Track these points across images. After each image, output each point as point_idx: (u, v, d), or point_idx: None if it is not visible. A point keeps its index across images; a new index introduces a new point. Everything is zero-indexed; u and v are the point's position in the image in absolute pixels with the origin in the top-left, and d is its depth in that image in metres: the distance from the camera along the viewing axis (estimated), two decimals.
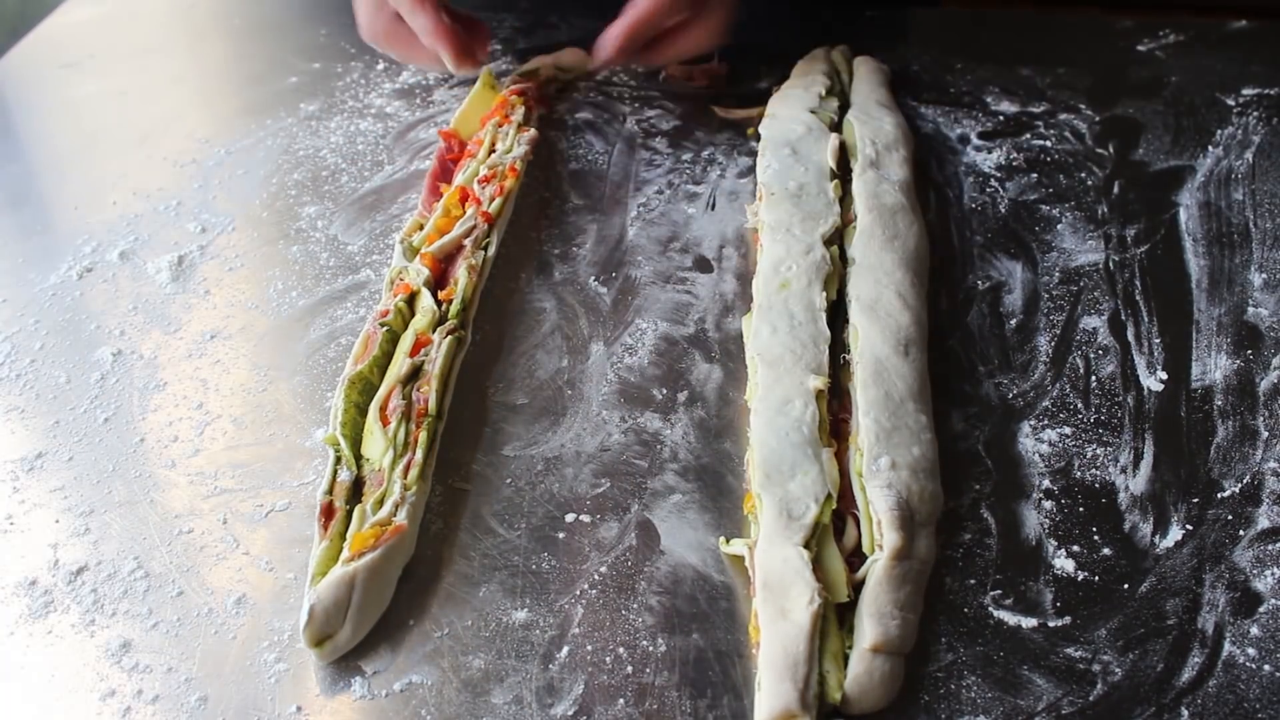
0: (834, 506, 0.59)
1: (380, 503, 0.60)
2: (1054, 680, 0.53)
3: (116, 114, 0.98)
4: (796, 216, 0.75)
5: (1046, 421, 0.66)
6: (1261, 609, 0.56)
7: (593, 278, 0.78)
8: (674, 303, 0.76)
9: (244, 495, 0.64)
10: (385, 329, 0.69)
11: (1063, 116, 0.91)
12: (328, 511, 0.60)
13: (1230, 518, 0.60)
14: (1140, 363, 0.69)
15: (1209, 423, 0.66)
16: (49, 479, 0.65)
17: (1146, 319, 0.72)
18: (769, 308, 0.69)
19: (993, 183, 0.85)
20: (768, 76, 0.95)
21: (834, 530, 0.58)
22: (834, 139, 0.82)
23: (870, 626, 0.53)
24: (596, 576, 0.59)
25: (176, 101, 0.99)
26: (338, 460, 0.63)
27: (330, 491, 0.61)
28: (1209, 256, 0.77)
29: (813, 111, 0.86)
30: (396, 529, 0.59)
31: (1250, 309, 0.73)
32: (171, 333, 0.75)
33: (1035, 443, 0.65)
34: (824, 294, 0.70)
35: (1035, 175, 0.85)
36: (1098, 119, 0.90)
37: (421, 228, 0.77)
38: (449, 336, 0.69)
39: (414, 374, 0.67)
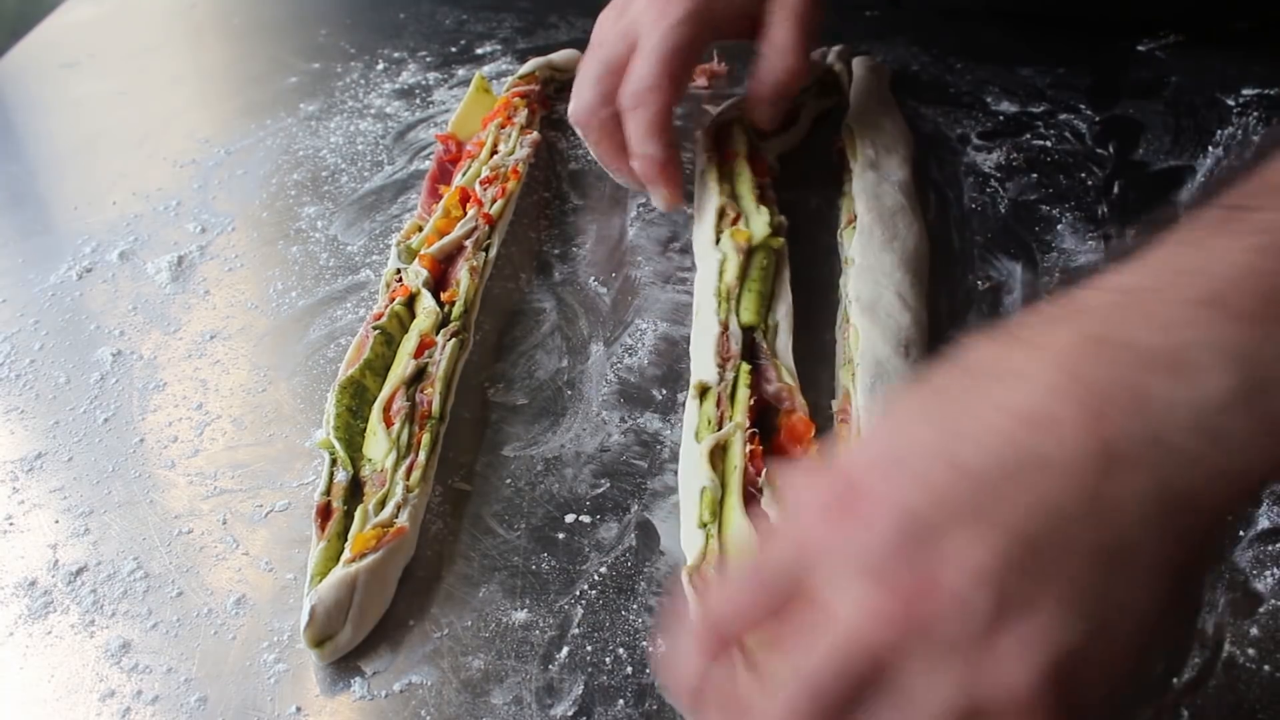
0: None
1: (382, 504, 0.60)
2: None
3: (116, 114, 0.98)
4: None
5: None
6: (1261, 610, 0.56)
7: (592, 278, 0.78)
8: (674, 303, 0.75)
9: (243, 496, 0.64)
10: (378, 332, 0.69)
11: (1063, 116, 0.91)
12: (324, 512, 0.60)
13: (1230, 518, 0.60)
14: None
15: None
16: (48, 479, 0.65)
17: None
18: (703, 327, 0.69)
19: (993, 183, 0.85)
20: None
21: None
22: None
23: None
24: (596, 577, 0.59)
25: (176, 101, 0.99)
26: (334, 462, 0.63)
27: (328, 492, 0.61)
28: None
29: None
30: (398, 531, 0.59)
31: None
32: (171, 333, 0.75)
33: None
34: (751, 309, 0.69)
35: (1035, 175, 0.85)
36: (1098, 119, 0.90)
37: (420, 229, 0.77)
38: (452, 339, 0.69)
39: (418, 376, 0.67)
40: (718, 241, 0.73)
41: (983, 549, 0.35)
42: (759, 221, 0.74)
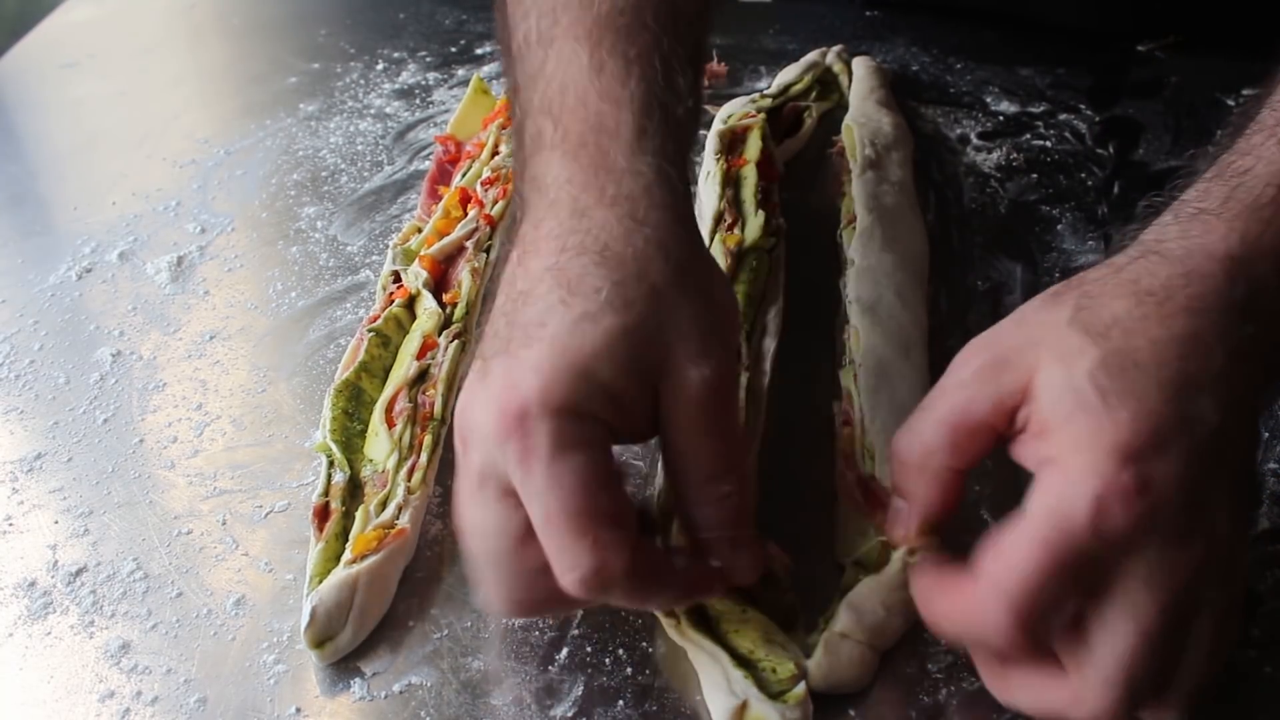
0: None
1: (383, 505, 0.60)
2: None
3: (116, 114, 0.98)
4: None
5: None
6: (1261, 610, 0.56)
7: None
8: None
9: (243, 496, 0.64)
10: (373, 334, 0.69)
11: (1063, 116, 0.91)
12: (321, 514, 0.60)
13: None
14: None
15: None
16: (48, 480, 0.65)
17: None
18: None
19: (992, 183, 0.85)
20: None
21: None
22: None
23: (845, 615, 0.53)
24: None
25: (176, 101, 0.99)
26: (331, 463, 0.63)
27: (325, 494, 0.61)
28: None
29: None
30: (399, 532, 0.58)
31: None
32: (171, 333, 0.75)
33: None
34: None
35: (1035, 176, 0.85)
36: (1098, 119, 0.90)
37: (419, 231, 0.77)
38: (454, 340, 0.69)
39: (420, 377, 0.67)
40: (710, 245, 0.73)
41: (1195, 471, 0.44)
42: (754, 224, 0.74)
